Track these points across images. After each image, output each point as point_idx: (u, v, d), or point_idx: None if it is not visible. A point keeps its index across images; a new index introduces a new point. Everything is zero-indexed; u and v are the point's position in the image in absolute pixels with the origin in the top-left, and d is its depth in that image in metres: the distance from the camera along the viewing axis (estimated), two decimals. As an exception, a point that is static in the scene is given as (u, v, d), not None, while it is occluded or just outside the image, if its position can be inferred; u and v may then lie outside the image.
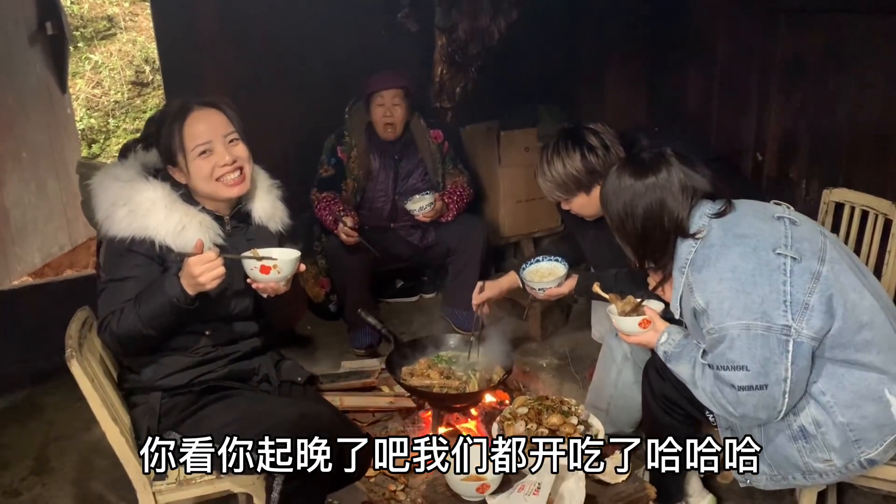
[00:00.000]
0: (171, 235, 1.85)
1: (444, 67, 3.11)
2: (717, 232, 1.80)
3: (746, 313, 1.70)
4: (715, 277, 1.75)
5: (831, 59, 2.82)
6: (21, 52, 3.74)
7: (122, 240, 1.83)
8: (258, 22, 3.68)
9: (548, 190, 2.46)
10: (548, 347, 3.46)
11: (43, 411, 3.09)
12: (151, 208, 1.84)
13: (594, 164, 2.35)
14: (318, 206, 3.43)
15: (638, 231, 1.89)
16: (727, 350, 1.73)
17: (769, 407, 1.73)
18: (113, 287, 1.85)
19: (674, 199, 1.84)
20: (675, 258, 1.87)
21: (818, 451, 1.80)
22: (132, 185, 1.88)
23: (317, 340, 3.61)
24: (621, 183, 1.91)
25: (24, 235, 3.66)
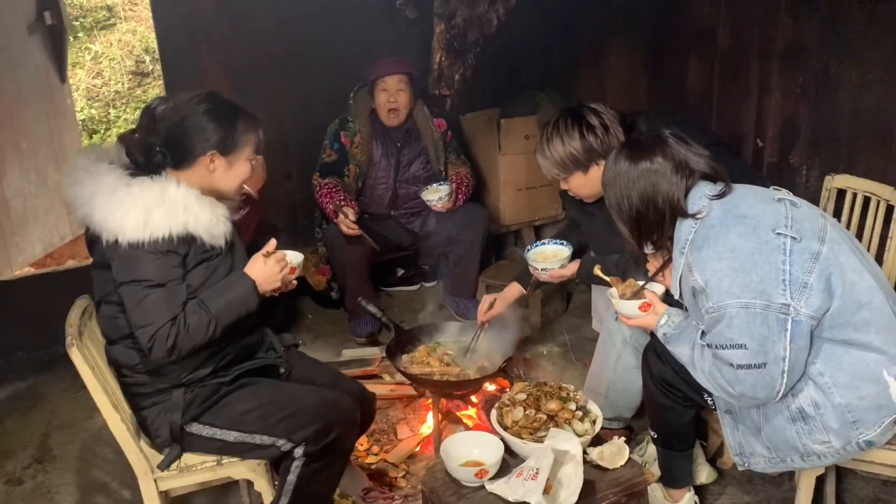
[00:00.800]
0: (209, 227, 1.88)
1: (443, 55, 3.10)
2: (718, 212, 1.82)
3: (745, 292, 1.71)
4: (714, 257, 1.77)
5: (832, 45, 2.80)
6: (20, 42, 3.73)
7: (164, 240, 1.80)
8: (257, 10, 3.67)
9: (546, 167, 2.47)
10: (548, 335, 3.46)
11: (45, 400, 3.11)
12: (187, 204, 1.84)
13: (592, 143, 2.36)
14: (320, 192, 3.43)
15: (633, 214, 1.92)
16: (726, 328, 1.74)
17: (767, 386, 1.73)
18: (157, 294, 1.81)
19: (668, 182, 1.86)
20: (676, 239, 1.88)
21: (816, 433, 1.80)
22: (152, 184, 1.85)
23: (317, 328, 3.62)
24: (618, 167, 1.93)
25: (25, 225, 3.66)
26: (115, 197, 1.81)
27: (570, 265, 2.64)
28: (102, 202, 1.81)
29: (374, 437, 2.67)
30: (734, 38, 3.24)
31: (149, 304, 1.80)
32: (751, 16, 3.12)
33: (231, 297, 1.89)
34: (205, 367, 1.96)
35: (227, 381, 1.99)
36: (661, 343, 2.13)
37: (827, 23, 2.81)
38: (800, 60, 2.94)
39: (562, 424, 2.12)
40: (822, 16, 2.82)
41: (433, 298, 3.79)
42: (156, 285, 1.81)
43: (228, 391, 1.99)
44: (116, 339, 1.97)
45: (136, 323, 1.82)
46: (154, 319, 1.80)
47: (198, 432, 1.95)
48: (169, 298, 1.82)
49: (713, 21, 3.31)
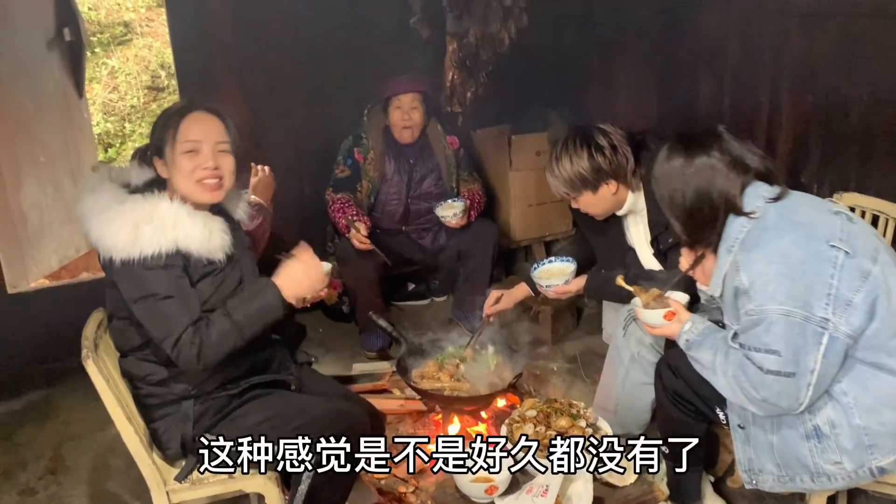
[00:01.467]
0: (201, 242, 1.87)
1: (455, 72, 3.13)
2: (773, 216, 1.79)
3: (789, 299, 1.69)
4: (764, 259, 1.74)
5: (843, 64, 2.82)
6: (39, 58, 3.79)
7: (154, 258, 1.80)
8: (271, 27, 3.72)
9: (555, 186, 2.49)
10: (558, 351, 3.47)
11: (59, 411, 3.13)
12: (177, 220, 1.84)
13: (601, 163, 2.38)
14: (333, 206, 3.46)
15: (687, 209, 1.87)
16: (763, 333, 1.71)
17: (791, 396, 1.72)
18: (166, 305, 1.82)
19: (724, 178, 1.82)
20: (724, 237, 1.84)
21: (829, 453, 1.79)
22: (144, 202, 1.85)
23: (328, 342, 3.64)
24: (672, 162, 1.88)
25: (41, 238, 3.71)
26: (106, 215, 1.83)
27: (576, 281, 2.65)
28: (97, 220, 1.84)
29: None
30: (745, 56, 3.25)
31: (164, 315, 1.82)
32: (761, 33, 3.14)
33: (256, 306, 1.89)
34: (214, 380, 1.97)
35: (238, 394, 2.00)
36: (673, 358, 2.13)
37: (838, 41, 2.82)
38: (811, 79, 2.95)
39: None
40: (833, 34, 2.83)
41: (443, 313, 3.81)
42: (165, 297, 1.82)
43: (240, 403, 2.00)
44: (127, 350, 2.00)
45: (157, 337, 1.84)
46: (173, 328, 1.81)
47: (210, 444, 1.95)
48: (182, 305, 1.83)
49: (723, 38, 3.33)
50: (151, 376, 1.97)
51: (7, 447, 2.90)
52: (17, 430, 3.01)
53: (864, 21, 2.71)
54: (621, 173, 2.41)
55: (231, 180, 2.00)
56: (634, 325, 2.44)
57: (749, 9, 3.20)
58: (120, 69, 6.84)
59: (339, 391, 2.24)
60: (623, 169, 2.40)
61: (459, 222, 3.46)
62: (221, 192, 1.97)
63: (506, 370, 2.75)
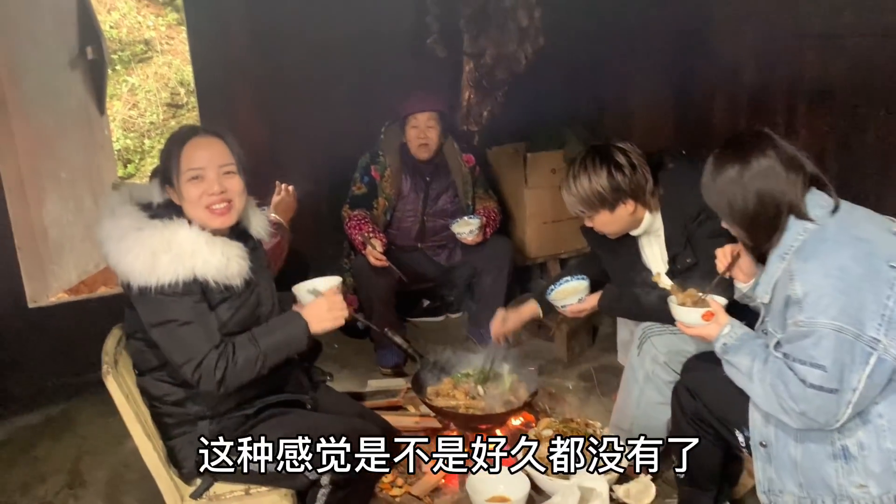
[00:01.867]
0: (219, 270, 1.87)
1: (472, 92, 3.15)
2: (833, 228, 1.76)
3: (842, 315, 1.67)
4: (821, 271, 1.71)
5: (859, 84, 2.81)
6: (63, 76, 3.86)
7: (171, 286, 1.81)
8: (290, 45, 3.77)
9: (571, 204, 2.47)
10: (574, 369, 3.46)
11: (77, 425, 3.16)
12: (195, 248, 1.84)
13: (620, 182, 2.35)
14: (349, 223, 3.48)
15: (750, 213, 1.83)
16: (811, 346, 1.70)
17: (830, 412, 1.70)
18: (186, 331, 1.83)
19: (785, 178, 1.79)
20: (778, 245, 1.82)
21: (855, 475, 1.77)
22: (162, 229, 1.85)
23: (343, 358, 3.64)
24: (727, 172, 1.84)
25: (62, 253, 3.75)
26: (124, 242, 1.83)
27: (590, 298, 2.64)
28: (115, 247, 1.84)
29: (398, 470, 2.67)
30: (761, 76, 3.26)
31: (184, 340, 1.83)
32: (778, 55, 3.14)
33: (282, 337, 1.92)
34: (230, 400, 1.98)
35: (252, 414, 2.01)
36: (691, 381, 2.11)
37: (853, 62, 2.82)
38: (827, 99, 2.95)
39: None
40: (849, 55, 2.83)
41: (458, 329, 3.81)
42: (184, 323, 1.83)
43: (255, 423, 2.01)
44: (145, 370, 2.01)
45: (177, 361, 1.85)
46: (194, 353, 1.83)
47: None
48: (202, 331, 1.85)
49: (740, 60, 3.34)
50: (168, 396, 1.99)
51: (26, 461, 2.93)
52: (36, 444, 3.04)
53: (879, 41, 2.71)
54: (640, 193, 2.39)
55: (241, 201, 1.99)
56: (649, 344, 2.43)
57: (763, 30, 3.20)
58: (140, 86, 6.94)
59: (354, 409, 2.25)
60: (642, 188, 2.38)
61: (475, 239, 3.47)
62: (232, 214, 1.96)
63: (521, 388, 2.75)
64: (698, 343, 2.36)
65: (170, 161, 1.92)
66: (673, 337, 2.40)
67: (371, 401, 3.04)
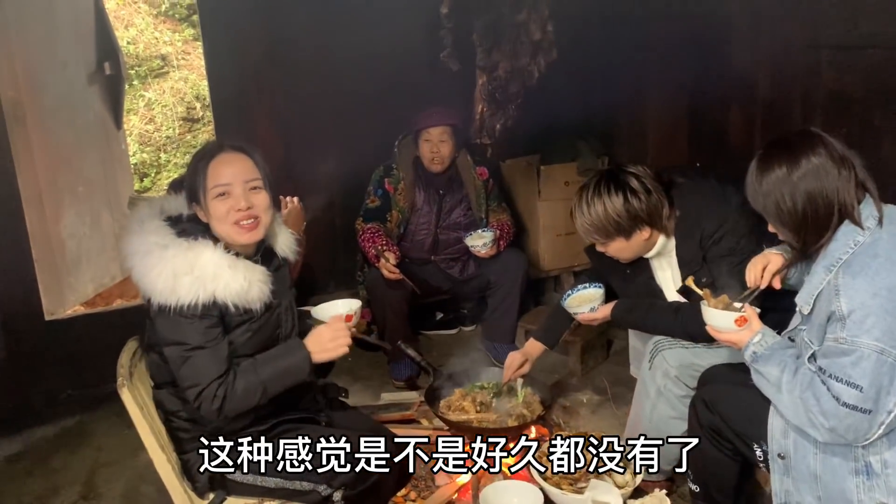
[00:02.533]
0: (239, 295, 1.86)
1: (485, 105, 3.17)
2: (886, 245, 1.72)
3: (886, 337, 1.65)
4: (870, 290, 1.67)
5: (876, 95, 2.80)
6: (81, 92, 3.91)
7: (191, 307, 1.81)
8: (305, 60, 3.81)
9: (585, 232, 2.41)
10: (588, 382, 3.44)
11: (92, 437, 3.17)
12: (217, 272, 1.84)
13: (637, 209, 2.30)
14: (363, 236, 3.50)
15: (799, 215, 1.78)
16: (850, 365, 1.67)
17: (861, 431, 1.68)
18: (197, 357, 1.84)
19: (836, 176, 1.74)
20: (826, 253, 1.78)
21: (876, 492, 1.75)
22: (187, 250, 1.85)
23: (357, 371, 3.65)
24: (774, 173, 1.79)
25: (79, 266, 3.79)
26: (149, 259, 1.83)
27: (603, 308, 2.60)
28: (139, 263, 1.84)
29: (412, 484, 2.67)
30: (776, 88, 3.24)
31: (193, 365, 1.84)
32: (792, 65, 3.13)
33: (283, 366, 1.90)
34: (245, 417, 1.98)
35: (265, 430, 2.01)
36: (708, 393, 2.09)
37: (869, 73, 2.81)
38: (843, 111, 2.93)
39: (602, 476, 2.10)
40: (864, 66, 2.82)
41: (472, 342, 3.80)
42: (196, 347, 1.84)
43: (271, 437, 2.00)
44: (161, 383, 2.02)
45: (183, 382, 1.86)
46: (200, 380, 1.83)
47: (240, 480, 1.97)
48: (212, 358, 1.84)
49: (754, 71, 3.33)
50: (182, 412, 2.00)
51: (42, 472, 2.94)
52: (52, 456, 3.06)
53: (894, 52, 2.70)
54: (657, 218, 2.34)
55: (268, 217, 1.98)
56: (660, 358, 2.41)
57: (778, 42, 3.20)
58: (156, 101, 7.02)
59: (367, 425, 2.23)
60: (658, 214, 2.34)
61: (489, 252, 3.47)
62: (260, 230, 1.96)
63: (535, 402, 2.74)
64: (710, 357, 2.35)
65: (196, 178, 1.92)
66: (684, 351, 2.38)
67: (384, 413, 3.04)
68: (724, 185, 2.42)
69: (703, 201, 2.36)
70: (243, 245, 1.96)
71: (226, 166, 1.92)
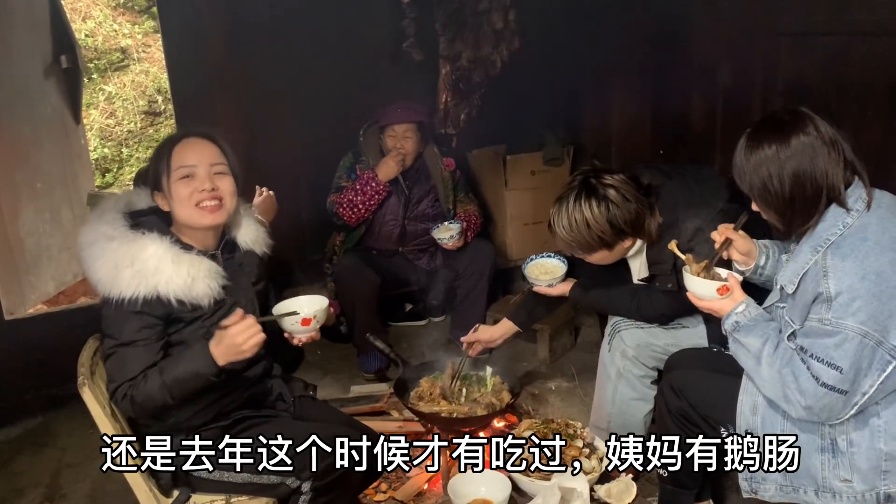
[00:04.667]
0: (182, 290, 1.83)
1: (449, 95, 3.17)
2: (876, 228, 1.71)
3: (871, 321, 1.65)
4: (858, 273, 1.66)
5: (832, 82, 2.85)
6: (37, 85, 3.82)
7: (131, 301, 1.79)
8: (267, 51, 3.77)
9: (567, 248, 2.37)
10: (556, 370, 3.47)
11: (56, 438, 3.12)
12: (159, 266, 1.81)
13: (620, 221, 2.25)
14: (341, 199, 3.47)
15: (786, 196, 1.75)
16: (833, 347, 1.67)
17: (835, 411, 1.70)
18: (122, 353, 1.82)
19: (826, 157, 1.72)
20: (813, 233, 1.76)
21: (840, 469, 1.78)
22: (131, 242, 1.83)
23: (326, 364, 3.63)
24: (762, 151, 1.76)
25: (39, 264, 3.72)
26: (92, 250, 1.82)
27: (561, 286, 2.59)
28: (85, 252, 1.83)
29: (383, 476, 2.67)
30: (736, 75, 3.29)
31: (113, 361, 1.83)
32: (752, 53, 3.17)
33: (186, 369, 1.82)
34: (205, 413, 1.96)
35: (228, 425, 1.98)
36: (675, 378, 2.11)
37: (826, 60, 2.85)
38: (802, 97, 2.98)
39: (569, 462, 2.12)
40: (822, 53, 2.86)
41: (441, 333, 3.81)
42: (122, 344, 1.82)
43: (236, 433, 1.97)
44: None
45: (106, 378, 1.86)
46: (116, 378, 1.82)
47: (205, 476, 1.94)
48: (131, 359, 1.81)
49: (714, 58, 3.37)
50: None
51: (4, 475, 2.89)
52: (15, 458, 3.00)
53: (853, 39, 2.74)
54: (639, 227, 2.29)
55: (232, 202, 1.96)
56: (618, 339, 2.43)
57: (739, 29, 3.24)
58: (117, 95, 6.89)
59: (337, 417, 2.22)
60: (641, 222, 2.29)
61: (456, 244, 3.48)
62: (222, 212, 1.93)
63: (503, 390, 2.75)
64: (666, 337, 2.38)
65: (160, 163, 1.91)
66: (640, 331, 2.41)
67: (354, 406, 3.03)
68: (706, 182, 2.38)
69: (680, 207, 2.32)
70: (205, 231, 1.94)
71: (191, 149, 1.91)
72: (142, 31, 7.35)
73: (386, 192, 3.43)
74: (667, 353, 2.38)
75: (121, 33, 7.24)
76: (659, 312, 2.40)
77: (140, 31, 7.35)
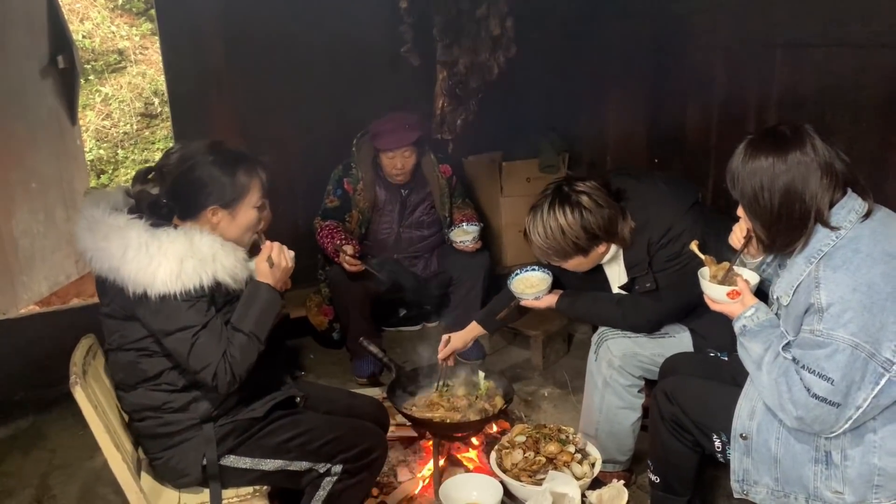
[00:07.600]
0: (234, 275, 1.94)
1: (445, 100, 3.16)
2: (868, 241, 1.71)
3: (862, 333, 1.65)
4: (850, 285, 1.67)
5: (826, 93, 2.86)
6: (33, 86, 3.82)
7: (196, 290, 1.86)
8: (264, 55, 3.77)
9: (543, 255, 2.40)
10: (549, 376, 3.47)
11: (47, 439, 3.11)
12: (214, 253, 1.90)
13: (593, 227, 2.28)
14: (321, 233, 3.47)
15: (775, 210, 1.77)
16: (824, 358, 1.68)
17: (827, 423, 1.71)
18: (203, 336, 1.88)
19: (818, 180, 1.73)
20: (807, 245, 1.77)
21: (833, 481, 1.78)
22: (181, 234, 1.89)
23: (319, 369, 3.63)
24: (759, 161, 1.77)
25: (32, 264, 3.70)
26: (146, 251, 1.84)
27: (547, 297, 2.60)
28: (132, 257, 1.83)
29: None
30: (731, 85, 3.31)
31: (200, 347, 1.87)
32: (747, 64, 3.19)
33: (259, 309, 1.95)
34: (231, 398, 2.01)
35: (261, 417, 2.05)
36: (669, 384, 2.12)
37: (820, 71, 2.87)
38: (796, 108, 3.00)
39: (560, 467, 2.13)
40: (816, 64, 2.88)
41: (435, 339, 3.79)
42: (200, 328, 1.88)
43: (265, 423, 2.05)
44: (136, 383, 1.99)
45: (194, 367, 1.88)
46: (210, 359, 1.87)
47: (233, 465, 2.00)
48: (214, 336, 1.89)
49: (710, 68, 3.39)
50: (169, 404, 1.99)
51: (-7, 475, 2.88)
52: (4, 458, 2.99)
53: (847, 50, 2.76)
54: (612, 232, 2.33)
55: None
56: (605, 348, 2.44)
57: (734, 39, 3.26)
58: (113, 96, 6.88)
59: (343, 396, 2.39)
60: (614, 227, 2.32)
61: (475, 246, 3.50)
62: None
63: (496, 396, 2.75)
64: (652, 346, 2.40)
65: (236, 186, 1.98)
66: (627, 341, 2.43)
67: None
68: (675, 184, 2.43)
69: (651, 207, 2.35)
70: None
71: (261, 189, 2.05)
72: (139, 34, 7.35)
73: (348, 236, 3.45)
74: (653, 362, 2.39)
75: (118, 35, 7.24)
76: (645, 319, 2.41)
77: (138, 33, 7.35)
